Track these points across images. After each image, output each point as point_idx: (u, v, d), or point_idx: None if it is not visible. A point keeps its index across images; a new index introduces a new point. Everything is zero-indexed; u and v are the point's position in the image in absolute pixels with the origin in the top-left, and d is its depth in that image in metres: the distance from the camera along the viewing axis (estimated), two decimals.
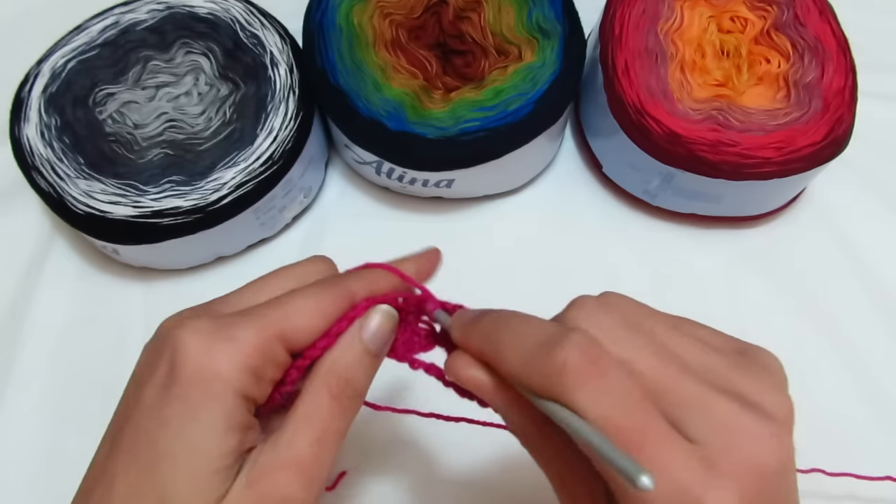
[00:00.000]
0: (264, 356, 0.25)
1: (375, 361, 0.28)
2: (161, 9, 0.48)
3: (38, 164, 0.44)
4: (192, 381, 0.24)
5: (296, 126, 0.46)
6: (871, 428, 0.46)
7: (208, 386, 0.24)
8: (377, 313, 0.27)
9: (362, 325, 0.27)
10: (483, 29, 0.49)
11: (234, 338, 0.24)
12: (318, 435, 0.25)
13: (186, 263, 0.49)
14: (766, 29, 0.49)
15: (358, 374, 0.27)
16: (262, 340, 0.25)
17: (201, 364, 0.24)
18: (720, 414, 0.22)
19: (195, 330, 0.24)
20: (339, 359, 0.26)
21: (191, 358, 0.24)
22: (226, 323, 0.25)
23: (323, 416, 0.25)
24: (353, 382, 0.26)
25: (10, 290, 0.49)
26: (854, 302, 0.50)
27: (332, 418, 0.26)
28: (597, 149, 0.52)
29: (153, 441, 0.24)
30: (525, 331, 0.24)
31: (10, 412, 0.46)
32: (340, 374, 0.26)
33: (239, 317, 0.26)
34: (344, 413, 0.26)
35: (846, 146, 0.46)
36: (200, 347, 0.24)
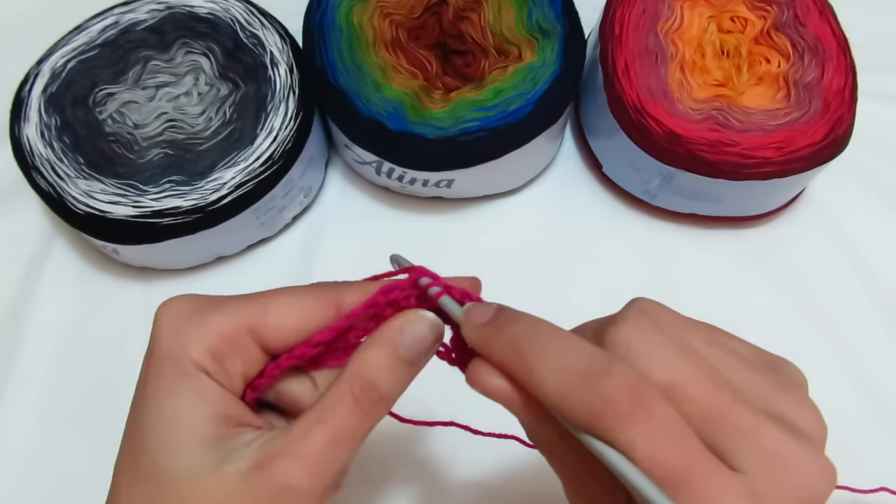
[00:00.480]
0: (230, 344, 0.25)
1: (409, 370, 0.26)
2: (161, 9, 0.48)
3: (38, 164, 0.44)
4: (164, 358, 0.25)
5: (296, 126, 0.46)
6: (870, 428, 0.46)
7: (179, 363, 0.24)
8: (422, 320, 0.26)
9: (402, 329, 0.26)
10: (483, 29, 0.49)
11: (204, 321, 0.25)
12: (333, 434, 0.25)
13: (186, 263, 0.49)
14: (766, 29, 0.49)
15: (385, 379, 0.25)
16: (231, 329, 0.25)
17: (171, 342, 0.25)
18: (768, 443, 0.21)
19: (174, 309, 0.26)
20: (368, 361, 0.25)
21: (163, 336, 0.25)
22: (203, 306, 0.26)
23: (341, 415, 0.25)
24: (379, 387, 0.25)
25: (10, 290, 0.49)
26: (854, 302, 0.50)
27: (351, 420, 0.25)
28: (597, 149, 0.52)
29: (140, 421, 0.25)
30: (563, 353, 0.22)
31: (10, 412, 0.46)
32: (366, 376, 0.25)
33: (219, 303, 0.26)
34: (364, 417, 0.25)
35: (846, 146, 0.46)
36: (172, 327, 0.25)
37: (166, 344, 0.25)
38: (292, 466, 0.24)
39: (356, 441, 0.25)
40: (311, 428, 0.25)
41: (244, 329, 0.25)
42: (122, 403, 0.48)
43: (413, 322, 0.26)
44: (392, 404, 0.26)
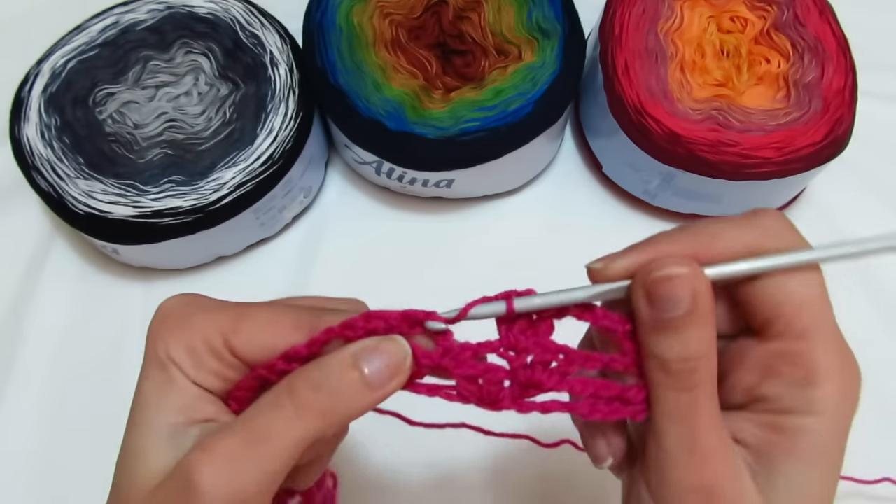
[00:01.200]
0: (205, 345, 0.25)
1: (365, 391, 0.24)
2: (161, 9, 0.48)
3: (38, 164, 0.44)
4: (149, 346, 0.26)
5: (296, 126, 0.46)
6: (871, 427, 0.46)
7: (157, 353, 0.25)
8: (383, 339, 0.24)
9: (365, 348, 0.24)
10: (483, 29, 0.49)
11: (189, 320, 0.26)
12: (252, 433, 0.23)
13: (186, 263, 0.49)
14: (766, 29, 0.49)
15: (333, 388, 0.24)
16: (208, 331, 0.25)
17: (155, 333, 0.26)
18: None
19: (166, 304, 0.27)
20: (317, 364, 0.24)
21: (152, 327, 0.26)
22: (192, 306, 0.26)
23: (269, 415, 0.23)
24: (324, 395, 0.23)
25: (10, 290, 0.49)
26: (854, 302, 0.50)
27: (280, 421, 0.23)
28: (597, 149, 0.52)
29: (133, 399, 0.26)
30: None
31: (10, 411, 0.46)
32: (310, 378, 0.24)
33: (205, 306, 0.27)
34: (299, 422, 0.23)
35: (846, 146, 0.46)
36: (160, 320, 0.26)
37: (151, 334, 0.26)
38: (199, 459, 0.23)
39: (282, 448, 0.23)
40: (232, 424, 0.23)
41: (219, 334, 0.25)
42: (121, 403, 0.48)
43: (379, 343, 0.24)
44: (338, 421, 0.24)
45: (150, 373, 0.25)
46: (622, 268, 0.24)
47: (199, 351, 0.25)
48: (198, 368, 0.25)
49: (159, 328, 0.26)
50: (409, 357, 0.25)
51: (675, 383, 0.23)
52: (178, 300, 0.27)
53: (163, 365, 0.25)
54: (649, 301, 0.23)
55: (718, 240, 0.24)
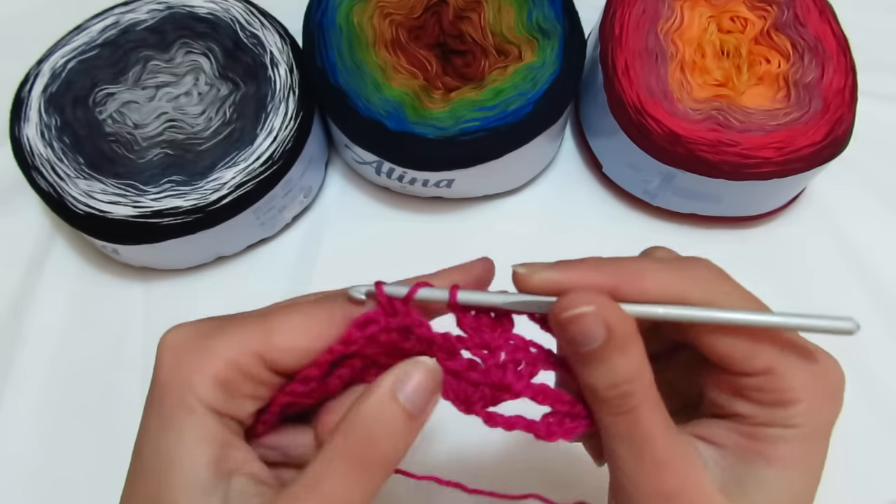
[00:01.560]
0: (237, 371, 0.23)
1: (412, 424, 0.23)
2: (161, 9, 0.48)
3: (38, 164, 0.44)
4: (164, 389, 0.23)
5: (296, 126, 0.46)
6: (871, 427, 0.46)
7: (179, 396, 0.23)
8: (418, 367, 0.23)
9: (398, 377, 0.23)
10: (483, 29, 0.49)
11: (207, 348, 0.23)
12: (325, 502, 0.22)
13: (186, 263, 0.49)
14: (766, 29, 0.49)
15: (386, 437, 0.22)
16: (238, 355, 0.23)
17: (172, 374, 0.23)
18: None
19: (174, 339, 0.24)
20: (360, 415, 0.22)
21: (164, 366, 0.24)
22: (206, 332, 0.24)
23: (334, 484, 0.22)
24: (379, 446, 0.22)
25: (10, 290, 0.49)
26: (854, 302, 0.50)
27: (346, 485, 0.22)
28: (597, 149, 0.52)
29: (140, 455, 0.24)
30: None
31: (10, 411, 0.46)
32: (361, 434, 0.22)
33: (223, 326, 0.24)
34: (361, 481, 0.22)
35: (846, 146, 0.46)
36: (174, 356, 0.24)
37: (167, 376, 0.23)
38: None
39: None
40: (299, 495, 0.22)
41: (250, 352, 0.23)
42: (121, 403, 0.48)
43: (412, 370, 0.23)
44: (396, 464, 0.23)
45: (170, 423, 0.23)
46: (542, 280, 0.24)
47: (230, 379, 0.23)
48: (232, 398, 0.24)
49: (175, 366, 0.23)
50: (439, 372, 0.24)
51: (611, 409, 0.23)
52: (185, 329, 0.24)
53: (187, 410, 0.23)
54: (564, 338, 0.23)
55: (644, 279, 0.24)
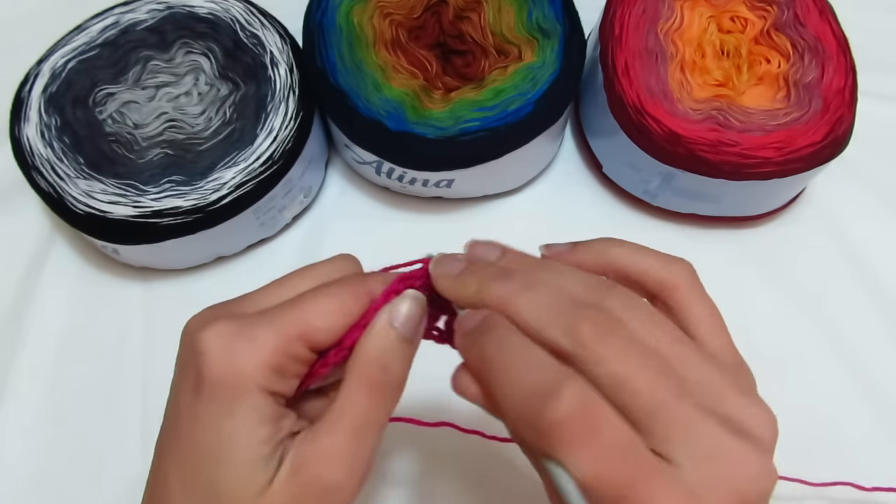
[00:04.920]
0: (286, 355, 0.26)
1: (410, 348, 0.27)
2: (161, 9, 0.48)
3: (38, 164, 0.44)
4: (219, 381, 0.25)
5: (296, 126, 0.46)
6: (871, 426, 0.46)
7: (235, 384, 0.25)
8: (405, 298, 0.27)
9: (392, 311, 0.27)
10: (483, 29, 0.49)
11: (256, 338, 0.25)
12: (357, 426, 0.26)
13: (186, 263, 0.49)
14: (766, 29, 0.49)
15: (394, 361, 0.27)
16: (284, 341, 0.26)
17: (226, 365, 0.25)
18: (705, 437, 0.22)
19: (218, 333, 0.25)
20: (373, 348, 0.26)
21: (215, 360, 0.25)
22: (247, 324, 0.26)
23: (360, 407, 0.26)
24: (390, 370, 0.27)
25: (10, 290, 0.49)
26: (854, 302, 0.50)
27: (370, 409, 0.26)
28: (597, 149, 0.52)
29: (194, 440, 0.26)
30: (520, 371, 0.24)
31: (11, 411, 0.46)
32: (375, 363, 0.26)
33: (260, 317, 0.26)
34: (382, 402, 0.27)
35: (846, 146, 0.46)
36: (224, 349, 0.25)
37: (219, 369, 0.25)
38: (325, 466, 0.25)
39: (378, 428, 0.26)
40: (333, 426, 0.26)
41: (295, 338, 0.26)
42: (121, 403, 0.48)
43: (401, 302, 0.27)
44: (403, 385, 0.27)
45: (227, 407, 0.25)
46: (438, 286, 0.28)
47: (281, 363, 0.26)
48: (286, 380, 0.26)
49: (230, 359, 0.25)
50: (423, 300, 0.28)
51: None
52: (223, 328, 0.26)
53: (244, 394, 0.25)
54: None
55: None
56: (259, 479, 0.25)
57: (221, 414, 0.25)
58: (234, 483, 0.25)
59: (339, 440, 0.25)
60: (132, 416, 0.45)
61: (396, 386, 0.27)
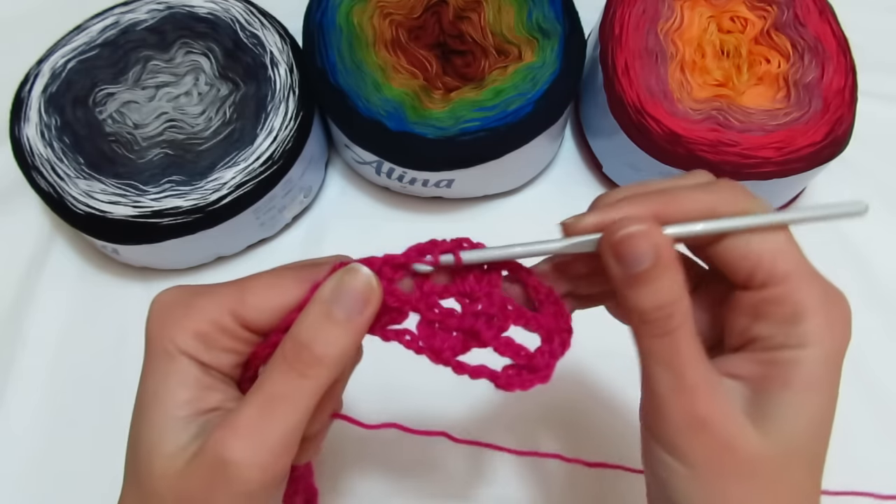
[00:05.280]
0: (214, 326, 0.26)
1: (345, 328, 0.25)
2: (161, 9, 0.48)
3: (38, 164, 0.44)
4: (153, 341, 0.26)
5: (296, 126, 0.46)
6: (871, 425, 0.46)
7: (164, 345, 0.26)
8: (342, 272, 0.26)
9: (332, 286, 0.26)
10: (483, 29, 0.49)
11: (190, 307, 0.26)
12: (265, 399, 0.25)
13: (186, 263, 0.49)
14: (766, 29, 0.49)
15: (317, 337, 0.25)
16: (215, 313, 0.26)
17: (158, 327, 0.26)
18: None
19: (163, 297, 0.27)
20: (298, 322, 0.25)
21: (152, 321, 0.26)
22: (189, 293, 0.27)
23: (273, 382, 0.25)
24: (312, 347, 0.25)
25: (10, 290, 0.49)
26: (854, 302, 0.50)
27: (283, 383, 0.25)
28: (597, 149, 0.52)
29: (137, 395, 0.27)
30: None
31: (11, 411, 0.46)
32: (297, 337, 0.25)
33: (204, 289, 0.27)
34: (298, 379, 0.25)
35: (846, 146, 0.46)
36: (160, 313, 0.26)
37: (153, 329, 0.26)
38: (225, 437, 0.24)
39: (294, 406, 0.25)
40: (246, 399, 0.25)
41: (226, 311, 0.26)
42: (121, 402, 0.48)
43: (344, 277, 0.26)
44: (332, 365, 0.25)
45: (156, 367, 0.26)
46: (592, 223, 0.27)
47: (208, 333, 0.26)
48: (210, 350, 0.26)
49: (161, 321, 0.26)
50: (374, 281, 0.26)
51: (655, 330, 0.25)
52: (173, 291, 0.27)
53: (170, 357, 0.26)
54: (617, 259, 0.25)
55: (680, 201, 0.26)
56: (172, 439, 0.25)
57: (150, 371, 0.26)
58: (151, 435, 0.25)
59: (247, 412, 0.24)
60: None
61: (322, 365, 0.25)
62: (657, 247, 0.25)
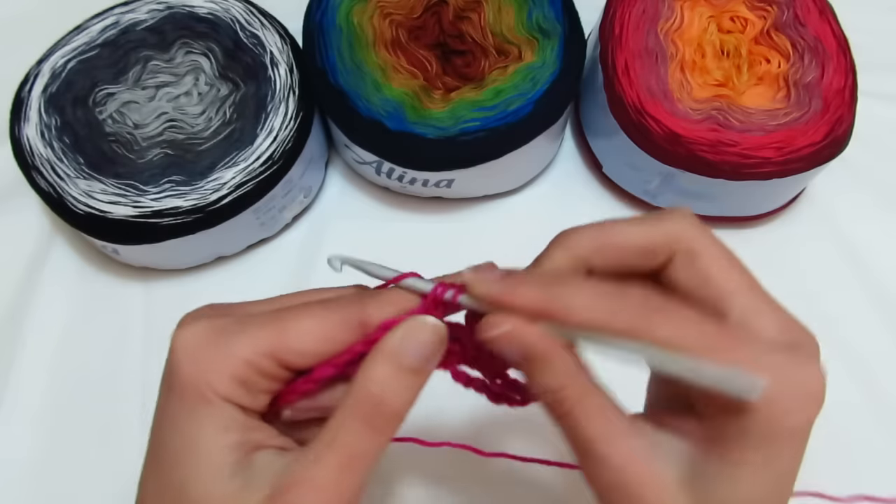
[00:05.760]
0: (254, 370, 0.25)
1: (416, 380, 0.25)
2: (161, 9, 0.48)
3: (38, 164, 0.44)
4: (185, 384, 0.24)
5: (296, 126, 0.46)
6: (871, 425, 0.46)
7: (200, 390, 0.24)
8: (421, 326, 0.25)
9: (402, 337, 0.25)
10: (483, 29, 0.49)
11: (226, 348, 0.25)
12: (344, 458, 0.24)
13: (186, 263, 0.49)
14: (766, 29, 0.49)
15: (392, 392, 0.24)
16: (254, 355, 0.25)
17: (191, 369, 0.24)
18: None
19: (192, 334, 0.25)
20: (373, 377, 0.24)
21: (184, 361, 0.25)
22: (223, 329, 0.25)
23: (350, 437, 0.24)
24: (387, 402, 0.24)
25: (10, 290, 0.49)
26: (854, 302, 0.50)
27: (361, 441, 0.24)
28: (597, 149, 0.52)
29: (163, 441, 0.25)
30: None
31: (11, 411, 0.46)
32: (372, 393, 0.24)
33: (238, 325, 0.25)
34: (375, 435, 0.24)
35: (846, 146, 0.46)
36: (193, 352, 0.25)
37: (186, 371, 0.25)
38: (305, 497, 0.23)
39: (369, 462, 0.25)
40: (321, 453, 0.24)
41: (266, 354, 0.25)
42: (121, 403, 0.48)
43: (414, 329, 0.25)
44: (403, 418, 0.25)
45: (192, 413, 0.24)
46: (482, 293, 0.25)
47: (248, 377, 0.25)
48: (250, 394, 0.25)
49: (194, 363, 0.24)
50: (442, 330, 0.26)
51: (551, 412, 0.25)
52: (201, 327, 0.25)
53: (208, 402, 0.24)
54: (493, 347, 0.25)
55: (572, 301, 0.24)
56: (224, 488, 0.24)
57: (186, 416, 0.24)
58: (201, 491, 0.24)
59: (326, 472, 0.24)
60: (132, 416, 0.45)
61: (394, 419, 0.25)
62: (524, 346, 0.24)
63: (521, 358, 0.25)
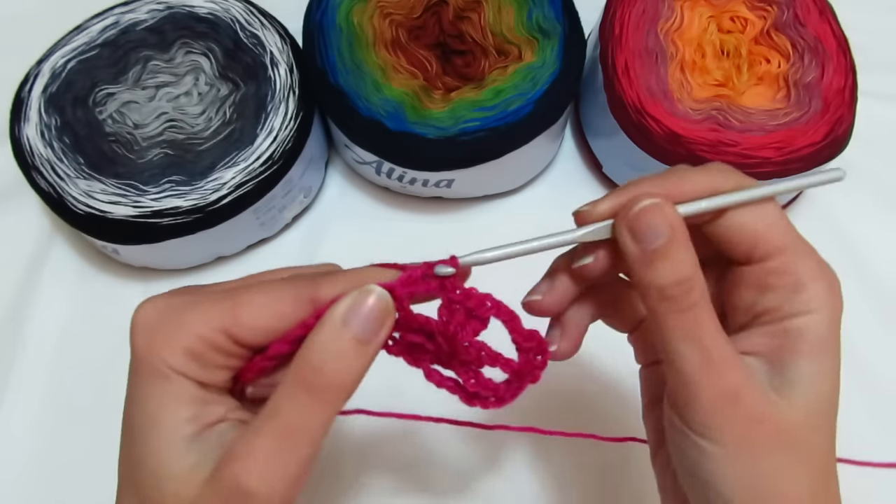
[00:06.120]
0: (206, 344, 0.25)
1: (364, 351, 0.24)
2: (161, 9, 0.48)
3: (38, 164, 0.44)
4: (141, 359, 0.25)
5: (296, 126, 0.46)
6: (871, 425, 0.46)
7: (154, 364, 0.25)
8: (365, 294, 0.25)
9: (347, 307, 0.24)
10: (483, 29, 0.49)
11: (179, 323, 0.25)
12: (283, 429, 0.24)
13: (186, 263, 0.49)
14: (766, 29, 0.49)
15: (340, 364, 0.24)
16: (206, 330, 0.25)
17: (146, 345, 0.25)
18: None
19: (147, 312, 0.25)
20: (316, 347, 0.24)
21: (139, 338, 0.25)
22: (176, 307, 0.25)
23: (290, 409, 0.24)
24: (334, 373, 0.24)
25: (10, 290, 0.49)
26: (854, 302, 0.49)
27: (301, 413, 0.24)
28: (597, 149, 0.52)
29: (127, 419, 0.26)
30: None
31: (11, 411, 0.46)
32: (312, 362, 0.24)
33: (193, 301, 0.25)
34: (319, 408, 0.24)
35: (846, 146, 0.46)
36: (146, 330, 0.25)
37: (142, 346, 0.25)
38: (244, 468, 0.23)
39: (312, 434, 0.24)
40: (261, 425, 0.24)
41: (218, 329, 0.25)
42: (121, 403, 0.48)
43: (359, 298, 0.25)
44: (349, 390, 0.24)
45: (149, 388, 0.25)
46: (606, 209, 0.27)
47: (201, 352, 0.25)
48: (205, 368, 0.25)
49: (149, 339, 0.25)
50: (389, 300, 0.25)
51: (676, 305, 0.25)
52: (156, 304, 0.26)
53: (164, 376, 0.24)
54: (634, 236, 0.26)
55: (684, 182, 0.27)
56: (183, 460, 0.24)
57: (145, 391, 0.25)
58: (158, 464, 0.24)
59: (266, 443, 0.23)
60: None
61: (338, 390, 0.24)
62: (672, 220, 0.25)
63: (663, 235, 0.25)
